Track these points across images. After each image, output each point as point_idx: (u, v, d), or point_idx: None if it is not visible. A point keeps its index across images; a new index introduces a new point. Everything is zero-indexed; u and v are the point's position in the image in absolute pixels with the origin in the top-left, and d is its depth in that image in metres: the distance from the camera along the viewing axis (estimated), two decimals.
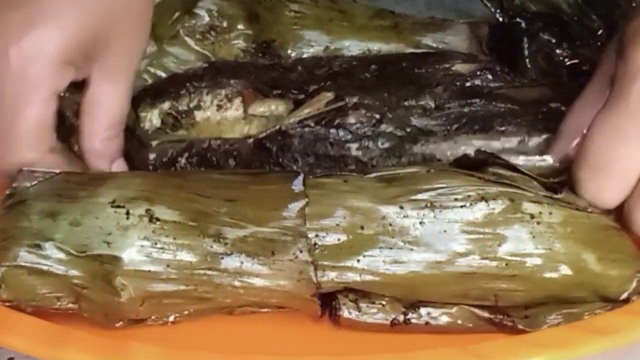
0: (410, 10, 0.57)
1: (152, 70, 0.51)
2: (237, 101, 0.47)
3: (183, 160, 0.46)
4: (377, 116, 0.46)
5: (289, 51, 0.53)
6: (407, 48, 0.53)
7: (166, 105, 0.48)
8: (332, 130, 0.45)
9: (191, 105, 0.48)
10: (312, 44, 0.53)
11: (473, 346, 0.39)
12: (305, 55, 0.52)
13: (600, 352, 0.38)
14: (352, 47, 0.53)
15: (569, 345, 0.38)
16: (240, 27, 0.53)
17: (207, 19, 0.52)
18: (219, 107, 0.47)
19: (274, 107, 0.47)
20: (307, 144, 0.45)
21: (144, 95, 0.49)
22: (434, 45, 0.53)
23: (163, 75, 0.51)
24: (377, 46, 0.53)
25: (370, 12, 0.54)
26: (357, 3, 0.55)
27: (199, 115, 0.47)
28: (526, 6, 0.56)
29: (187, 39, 0.52)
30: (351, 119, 0.45)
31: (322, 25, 0.53)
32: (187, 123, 0.48)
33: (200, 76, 0.49)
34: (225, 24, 0.52)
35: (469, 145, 0.45)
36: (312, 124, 0.46)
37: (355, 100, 0.46)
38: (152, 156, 0.46)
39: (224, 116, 0.47)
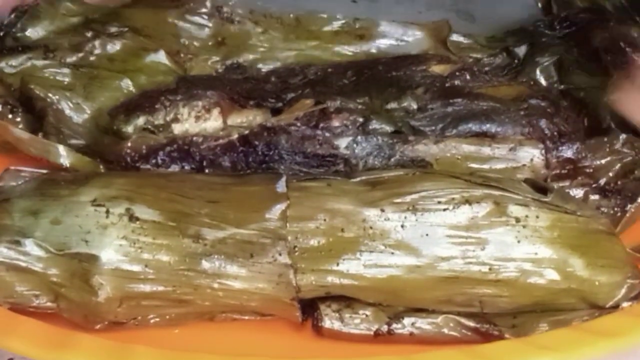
0: (411, 10, 0.57)
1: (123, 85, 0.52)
2: (216, 112, 0.48)
3: (162, 155, 0.46)
4: (361, 119, 0.46)
5: (259, 66, 0.54)
6: (371, 47, 0.55)
7: (141, 120, 0.48)
8: (319, 131, 0.46)
9: (168, 118, 0.48)
10: (279, 63, 0.55)
11: (477, 347, 0.39)
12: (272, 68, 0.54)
13: (604, 354, 0.38)
14: (321, 61, 0.55)
15: (573, 348, 0.38)
16: (208, 52, 0.55)
17: (173, 45, 0.54)
18: (197, 118, 0.48)
19: (252, 117, 0.48)
20: (295, 141, 0.46)
21: (115, 113, 0.49)
22: (395, 43, 0.55)
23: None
24: (345, 51, 0.55)
25: (335, 27, 0.56)
26: (320, 18, 0.56)
27: (177, 128, 0.48)
28: (572, 2, 0.57)
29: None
30: (335, 123, 0.46)
31: (289, 43, 0.55)
32: (166, 136, 0.48)
33: (173, 90, 0.50)
34: (192, 49, 0.54)
35: (460, 150, 0.45)
36: (298, 124, 0.46)
37: (337, 104, 0.46)
38: (128, 148, 0.46)
39: (203, 127, 0.48)
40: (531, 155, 0.45)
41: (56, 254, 0.40)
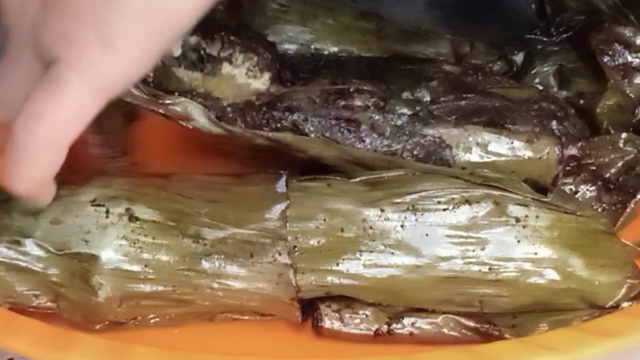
0: (411, 10, 0.57)
1: None
2: (267, 75, 0.46)
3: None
4: (382, 103, 0.45)
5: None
6: (388, 55, 0.53)
7: (193, 39, 0.45)
8: (341, 107, 0.45)
9: (222, 54, 0.46)
10: (292, 40, 0.53)
11: (476, 347, 0.39)
12: (284, 50, 0.52)
13: (604, 354, 0.38)
14: (333, 49, 0.53)
15: (573, 348, 0.38)
16: (219, 14, 0.51)
17: None
18: (249, 71, 0.46)
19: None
20: (317, 106, 0.45)
21: None
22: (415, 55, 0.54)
23: None
24: (355, 51, 0.53)
25: (356, 12, 0.55)
26: (344, 2, 0.55)
27: (225, 68, 0.46)
28: (566, 3, 0.56)
29: None
30: (357, 102, 0.45)
31: (305, 21, 0.54)
32: (210, 70, 0.46)
33: (234, 32, 0.47)
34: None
35: (479, 137, 0.45)
36: (317, 100, 0.46)
37: (356, 86, 0.46)
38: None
39: (248, 83, 0.46)
40: (548, 149, 0.45)
41: (56, 254, 0.40)
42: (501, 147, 0.45)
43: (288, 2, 0.54)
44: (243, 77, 0.46)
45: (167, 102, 0.42)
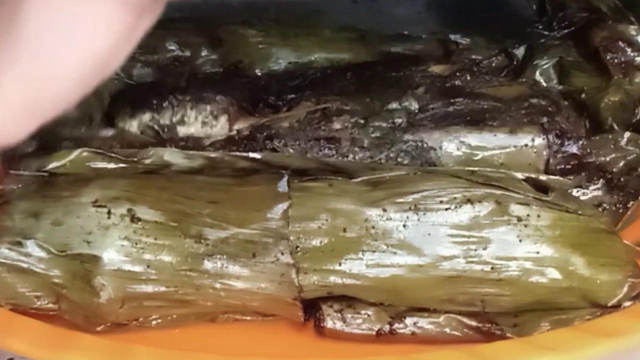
0: (411, 10, 0.57)
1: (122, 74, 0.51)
2: (223, 119, 0.48)
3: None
4: (362, 121, 0.46)
5: (258, 70, 0.53)
6: (376, 58, 0.54)
7: (147, 117, 0.48)
8: (320, 132, 0.46)
9: (174, 119, 0.48)
10: (280, 60, 0.54)
11: (478, 347, 0.39)
12: (272, 72, 0.53)
13: (606, 354, 0.38)
14: (320, 60, 0.54)
15: (575, 348, 0.38)
16: (204, 53, 0.54)
17: (169, 52, 0.53)
18: (204, 123, 0.48)
19: (255, 123, 0.48)
20: (296, 130, 0.46)
21: (121, 103, 0.49)
22: (403, 53, 0.54)
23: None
24: (346, 57, 0.54)
25: (335, 26, 0.56)
26: (322, 18, 0.56)
27: (182, 130, 0.48)
28: (567, 4, 0.57)
29: (151, 70, 0.53)
30: (336, 125, 0.46)
31: (288, 41, 0.55)
32: (169, 137, 0.48)
33: (183, 89, 0.50)
34: (188, 53, 0.54)
35: (461, 135, 0.46)
36: (296, 125, 0.46)
37: (337, 105, 0.47)
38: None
39: (209, 133, 0.48)
40: (532, 135, 0.46)
41: (58, 255, 0.40)
42: (484, 141, 0.46)
43: (265, 28, 0.55)
44: (200, 130, 0.47)
45: (140, 157, 0.44)
